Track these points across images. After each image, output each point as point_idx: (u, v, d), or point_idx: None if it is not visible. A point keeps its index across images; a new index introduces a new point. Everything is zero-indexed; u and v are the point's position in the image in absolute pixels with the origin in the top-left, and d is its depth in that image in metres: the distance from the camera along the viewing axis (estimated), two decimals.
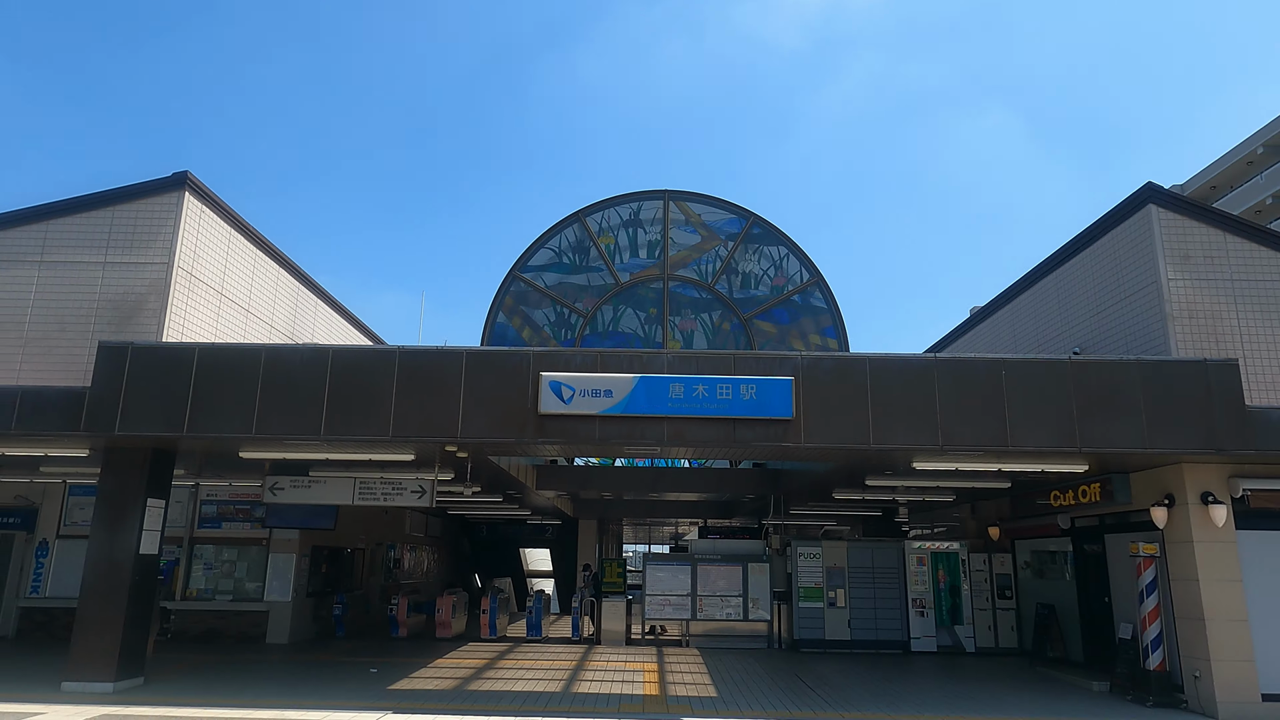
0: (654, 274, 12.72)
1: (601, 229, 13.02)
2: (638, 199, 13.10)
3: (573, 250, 12.93)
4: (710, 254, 12.89)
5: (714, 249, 12.88)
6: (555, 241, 12.98)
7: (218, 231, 11.75)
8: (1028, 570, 14.81)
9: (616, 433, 9.39)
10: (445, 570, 26.27)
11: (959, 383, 9.55)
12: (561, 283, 12.86)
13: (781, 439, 9.39)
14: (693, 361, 9.59)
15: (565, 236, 13.02)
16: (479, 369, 9.57)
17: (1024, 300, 15.17)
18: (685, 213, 13.00)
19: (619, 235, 12.94)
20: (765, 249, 12.92)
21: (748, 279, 12.79)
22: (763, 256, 12.89)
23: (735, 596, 15.04)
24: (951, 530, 18.29)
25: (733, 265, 12.84)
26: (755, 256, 12.87)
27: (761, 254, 12.89)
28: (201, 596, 14.66)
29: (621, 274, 12.90)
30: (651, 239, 12.90)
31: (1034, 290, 14.60)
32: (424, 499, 11.46)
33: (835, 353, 9.61)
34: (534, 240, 12.82)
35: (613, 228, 13.02)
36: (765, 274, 12.83)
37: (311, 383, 9.52)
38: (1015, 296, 15.60)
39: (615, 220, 13.05)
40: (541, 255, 12.93)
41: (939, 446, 9.41)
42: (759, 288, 12.74)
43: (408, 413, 9.45)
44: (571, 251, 12.94)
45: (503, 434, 9.41)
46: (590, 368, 9.54)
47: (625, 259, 12.99)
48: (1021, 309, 15.21)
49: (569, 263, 12.94)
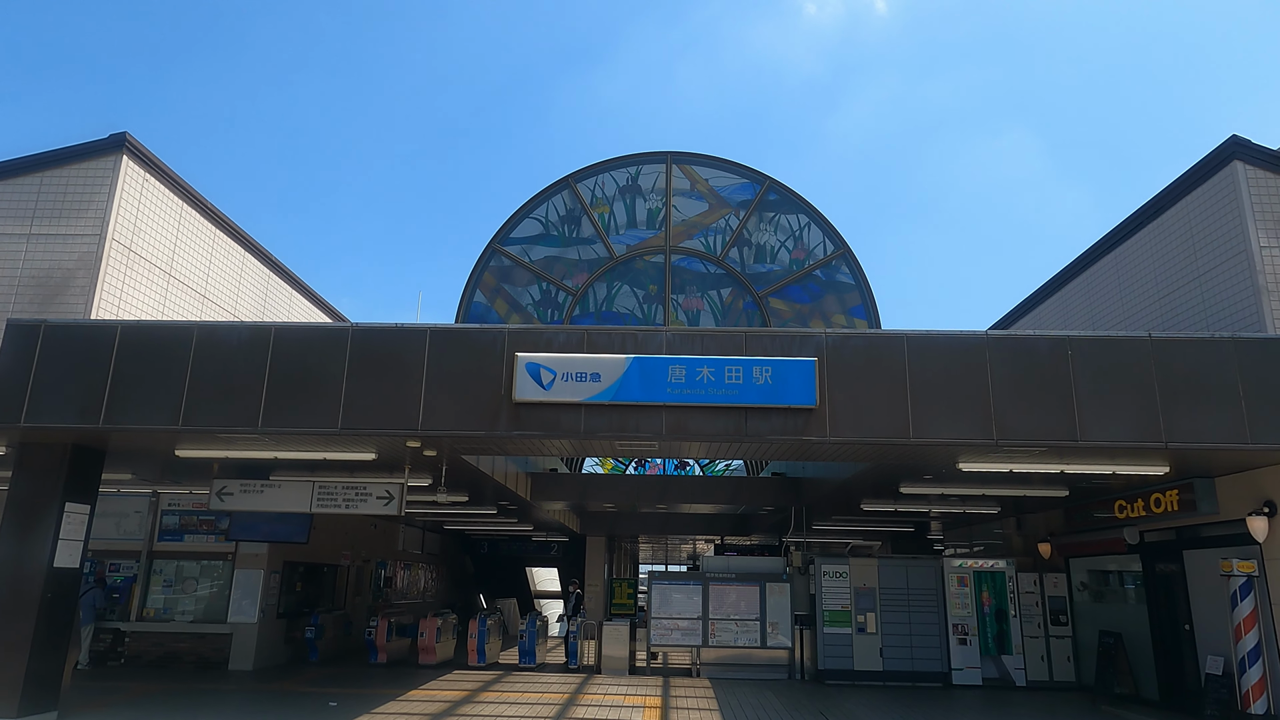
0: (655, 246, 11.21)
1: (595, 197, 11.56)
2: (636, 162, 11.62)
3: (562, 220, 11.47)
4: (719, 224, 11.37)
5: (723, 218, 11.36)
6: (542, 210, 11.53)
7: (165, 204, 10.46)
8: (1085, 592, 13.05)
9: (605, 424, 7.90)
10: (446, 590, 24.78)
11: (1016, 365, 7.98)
12: (549, 257, 11.39)
13: (802, 432, 7.85)
14: (696, 340, 8.09)
15: (554, 205, 11.57)
16: (445, 350, 8.14)
17: (1073, 289, 13.53)
18: (690, 177, 11.50)
19: (615, 203, 11.45)
20: (783, 218, 11.37)
21: (762, 252, 11.25)
22: (780, 226, 11.34)
23: (752, 620, 13.42)
24: (992, 548, 16.52)
25: (745, 236, 11.29)
26: (771, 226, 11.32)
27: (778, 223, 11.34)
28: (159, 616, 13.26)
29: (617, 246, 11.40)
30: (652, 207, 11.40)
31: (1085, 276, 12.97)
32: (391, 506, 10.01)
33: (866, 330, 8.05)
34: (517, 209, 11.42)
35: (608, 195, 11.54)
36: (783, 246, 11.28)
37: (250, 366, 8.14)
38: (1062, 286, 13.97)
39: (611, 187, 11.58)
40: (526, 226, 11.48)
41: (993, 441, 7.82)
42: (775, 262, 11.19)
43: (361, 402, 8.03)
44: (561, 222, 11.47)
45: (472, 426, 7.96)
46: (575, 347, 8.08)
47: (622, 230, 11.50)
48: (1071, 298, 13.56)
49: (558, 234, 11.47)
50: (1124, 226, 12.04)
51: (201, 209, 11.23)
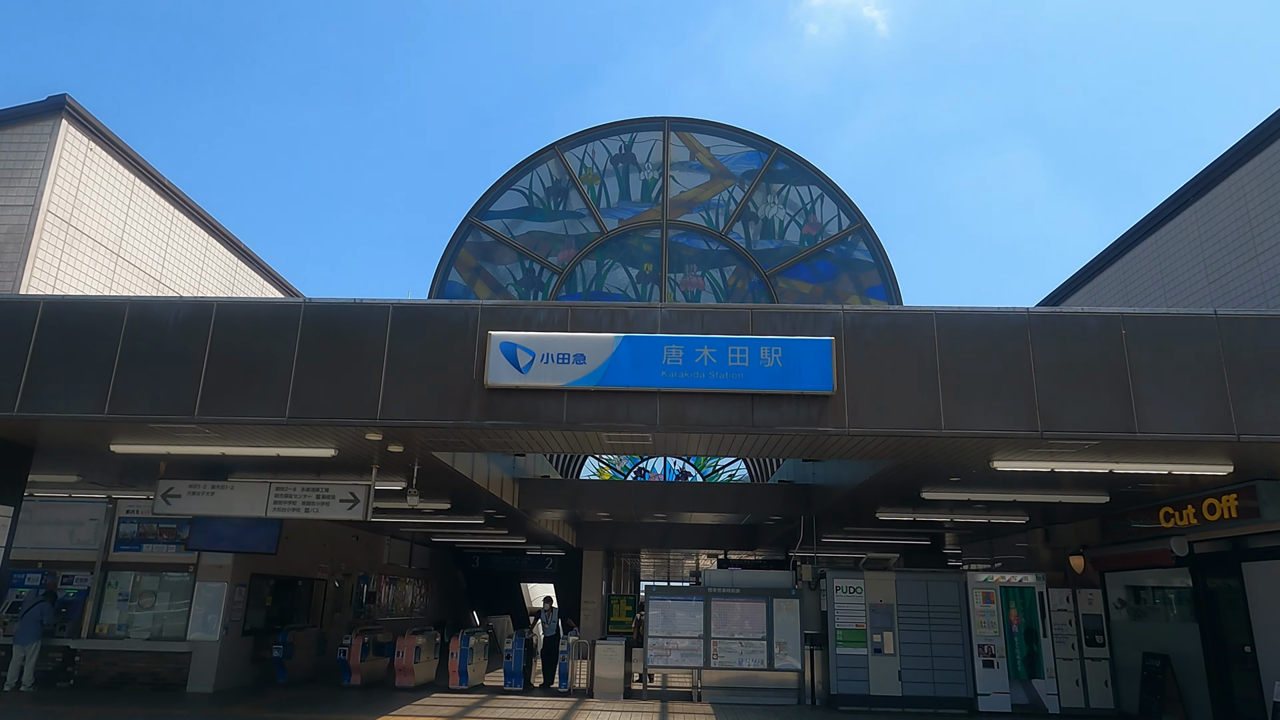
0: (650, 220, 10.16)
1: (585, 167, 10.53)
2: (630, 129, 10.58)
3: (548, 193, 10.44)
4: (722, 196, 10.33)
5: (727, 190, 10.32)
6: (525, 181, 10.50)
7: (112, 177, 9.52)
8: (1123, 610, 11.92)
9: (591, 412, 6.89)
10: (436, 607, 23.65)
11: (1064, 347, 6.96)
12: (533, 232, 10.34)
13: (817, 422, 6.83)
14: (695, 317, 7.09)
15: (538, 176, 10.53)
16: (409, 328, 7.15)
17: (1106, 279, 12.52)
18: (690, 145, 10.49)
19: (607, 174, 10.41)
20: (793, 189, 10.33)
21: (770, 226, 10.20)
22: (789, 199, 10.29)
23: (758, 640, 12.31)
24: (1013, 563, 15.40)
25: (751, 210, 10.26)
26: (779, 199, 10.27)
27: (788, 196, 10.29)
28: (113, 633, 12.20)
29: (609, 221, 10.36)
30: (647, 178, 10.37)
31: (1120, 265, 11.97)
32: (357, 510, 8.98)
33: (891, 307, 7.03)
34: (498, 179, 10.37)
35: (599, 165, 10.51)
36: (793, 220, 10.23)
37: (187, 348, 7.16)
38: (1092, 277, 12.97)
39: (602, 156, 10.55)
40: (508, 198, 10.46)
41: (1037, 434, 6.78)
42: (784, 237, 10.13)
43: (312, 387, 7.04)
44: (546, 194, 10.44)
45: (438, 415, 6.95)
46: (557, 326, 7.09)
47: (614, 202, 10.46)
48: (1103, 290, 12.55)
49: (543, 208, 10.42)
50: (1161, 210, 11.05)
51: (157, 185, 10.29)
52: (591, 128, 10.50)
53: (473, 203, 10.26)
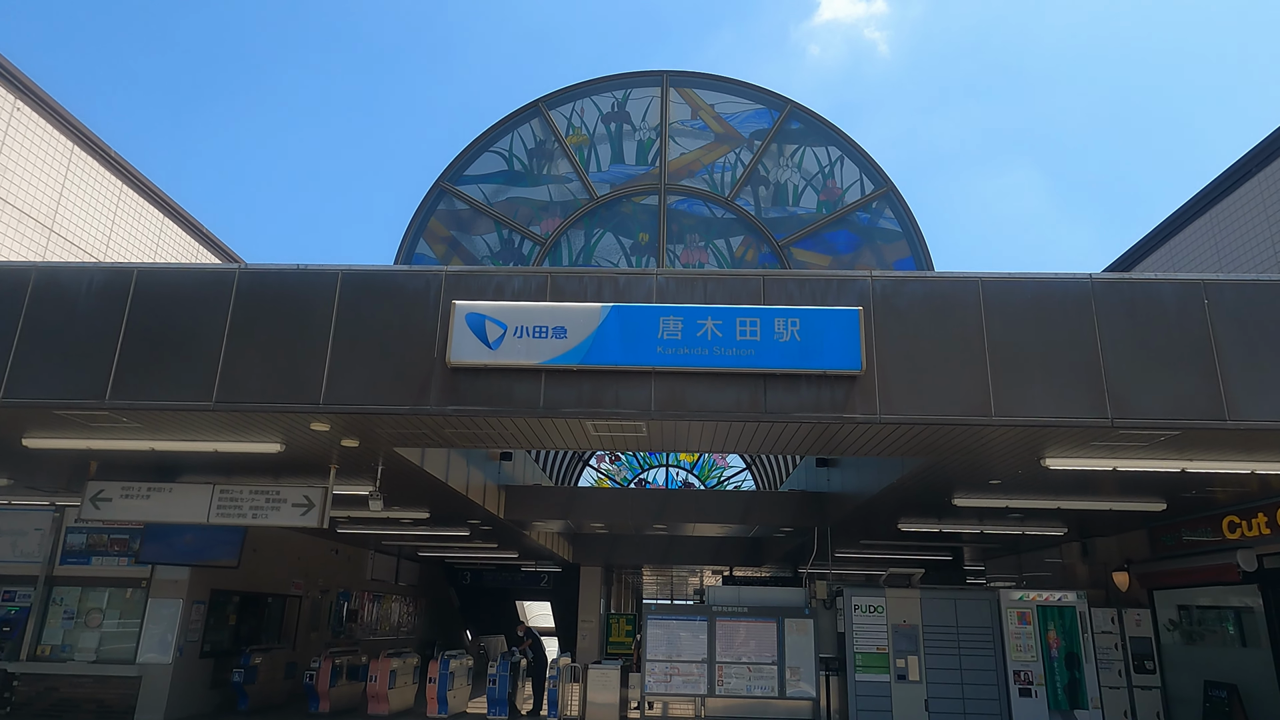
0: (647, 185, 9.06)
1: (572, 126, 9.43)
2: (624, 84, 9.46)
3: (530, 155, 9.33)
4: (728, 158, 9.23)
5: (733, 151, 9.22)
6: (505, 143, 9.41)
7: (44, 143, 8.51)
8: (1175, 632, 10.72)
9: (573, 396, 5.79)
10: (425, 626, 22.42)
11: (1135, 319, 5.87)
12: (513, 199, 9.23)
13: (842, 407, 5.72)
14: (698, 285, 6.01)
15: (520, 136, 9.45)
16: (360, 298, 6.09)
17: (1155, 262, 11.42)
18: (692, 103, 9.39)
19: (597, 134, 9.33)
20: (808, 151, 9.21)
21: (783, 192, 9.08)
22: (804, 161, 9.17)
23: (768, 664, 11.11)
24: (1039, 580, 14.18)
25: (761, 173, 9.15)
26: (794, 161, 9.15)
27: (803, 158, 9.18)
28: (56, 655, 11.06)
29: (599, 185, 9.24)
30: (643, 139, 9.28)
31: (1156, 258, 10.88)
32: (311, 516, 7.87)
33: (928, 274, 5.93)
34: (474, 139, 9.29)
35: (588, 125, 9.42)
36: (809, 185, 9.12)
37: (101, 322, 6.11)
38: (1136, 263, 11.87)
39: (592, 114, 9.46)
40: (485, 161, 9.37)
41: (1107, 421, 5.67)
42: (800, 204, 9.01)
43: (245, 366, 5.97)
44: (528, 156, 9.34)
45: (391, 399, 5.87)
46: (535, 295, 6.01)
47: (605, 165, 9.37)
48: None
49: (524, 171, 9.32)
50: (1217, 186, 9.97)
51: (101, 156, 9.26)
52: (580, 82, 9.40)
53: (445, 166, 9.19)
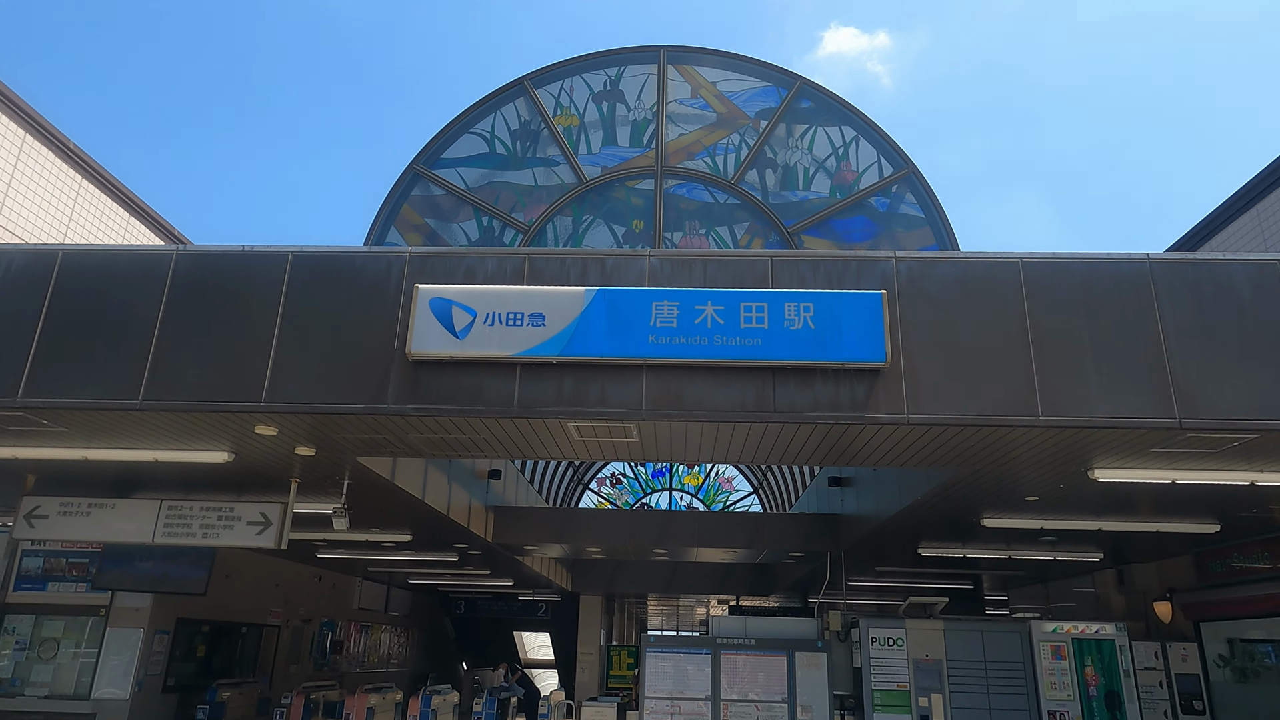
0: (642, 168, 8.33)
1: (560, 106, 8.73)
2: (618, 60, 8.77)
3: (514, 136, 8.62)
4: (731, 139, 8.51)
5: (737, 132, 8.50)
6: (486, 123, 8.71)
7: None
8: (1226, 669, 9.75)
9: (551, 393, 5.01)
10: (418, 658, 21.42)
11: (1202, 305, 5.08)
12: (493, 183, 8.51)
13: (864, 406, 4.92)
14: (695, 267, 5.25)
15: (503, 116, 8.75)
16: (312, 283, 5.35)
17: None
18: (691, 80, 8.68)
19: (588, 114, 8.62)
20: (820, 131, 8.48)
21: (792, 175, 8.33)
22: (816, 142, 8.43)
23: (778, 702, 10.15)
24: (1064, 611, 13.21)
25: (768, 155, 8.40)
26: (804, 142, 8.41)
27: (814, 138, 8.44)
28: (6, 690, 10.20)
29: (590, 168, 8.50)
30: (638, 119, 8.56)
31: (1219, 239, 10.10)
32: (268, 536, 7.07)
33: (961, 255, 5.16)
34: (452, 120, 8.60)
35: (577, 104, 8.72)
36: (821, 168, 8.37)
37: (19, 310, 5.38)
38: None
39: (583, 93, 8.76)
40: (465, 143, 8.65)
41: (1174, 421, 4.85)
42: (811, 188, 8.25)
43: (178, 359, 5.22)
44: (512, 138, 8.62)
45: (343, 396, 5.10)
46: (511, 279, 5.26)
47: (596, 148, 8.64)
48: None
49: (507, 152, 8.60)
50: (1262, 180, 9.22)
51: (57, 146, 8.62)
52: (569, 59, 8.69)
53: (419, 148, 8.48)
